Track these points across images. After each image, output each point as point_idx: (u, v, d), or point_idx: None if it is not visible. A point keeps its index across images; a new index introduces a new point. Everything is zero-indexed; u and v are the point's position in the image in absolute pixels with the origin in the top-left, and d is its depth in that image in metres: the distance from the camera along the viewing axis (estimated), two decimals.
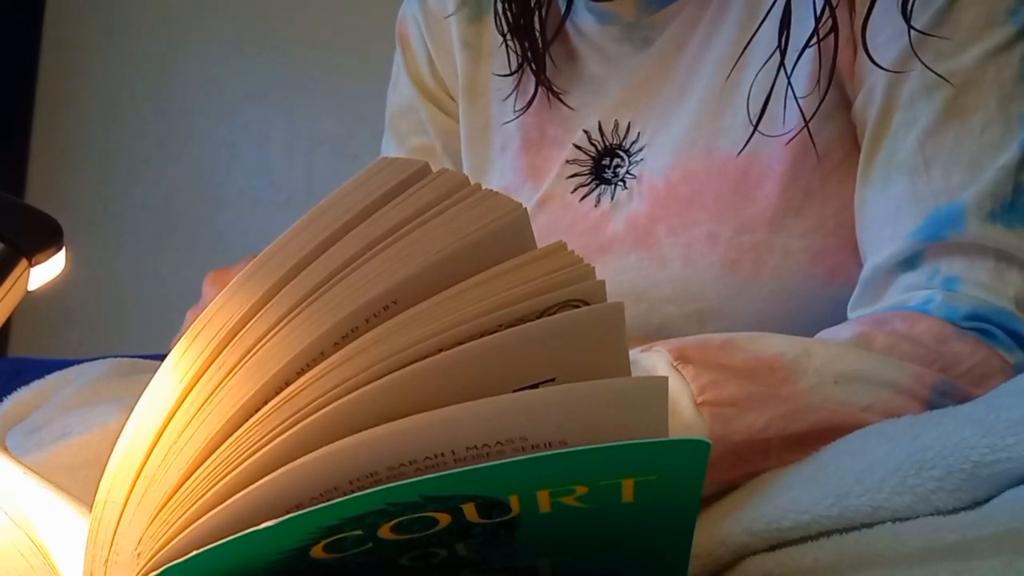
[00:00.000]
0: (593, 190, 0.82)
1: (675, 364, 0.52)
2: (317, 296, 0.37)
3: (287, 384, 0.37)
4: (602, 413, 0.35)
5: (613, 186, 0.81)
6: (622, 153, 0.81)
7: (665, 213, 0.77)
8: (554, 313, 0.38)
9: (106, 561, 0.38)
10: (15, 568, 0.44)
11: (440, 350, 0.36)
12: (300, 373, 0.37)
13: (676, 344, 0.54)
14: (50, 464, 0.67)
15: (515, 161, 0.87)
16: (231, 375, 0.37)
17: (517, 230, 0.40)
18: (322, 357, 0.37)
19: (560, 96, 0.85)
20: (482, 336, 0.37)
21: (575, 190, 0.82)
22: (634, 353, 0.55)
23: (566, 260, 0.39)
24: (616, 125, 0.82)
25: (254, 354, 0.37)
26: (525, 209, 0.40)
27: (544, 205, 0.83)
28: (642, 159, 0.80)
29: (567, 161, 0.83)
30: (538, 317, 0.38)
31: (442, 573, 0.40)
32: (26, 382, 0.91)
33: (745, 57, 0.76)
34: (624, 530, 0.39)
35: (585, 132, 0.83)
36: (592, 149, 0.83)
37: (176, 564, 0.34)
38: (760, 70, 0.75)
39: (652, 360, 0.53)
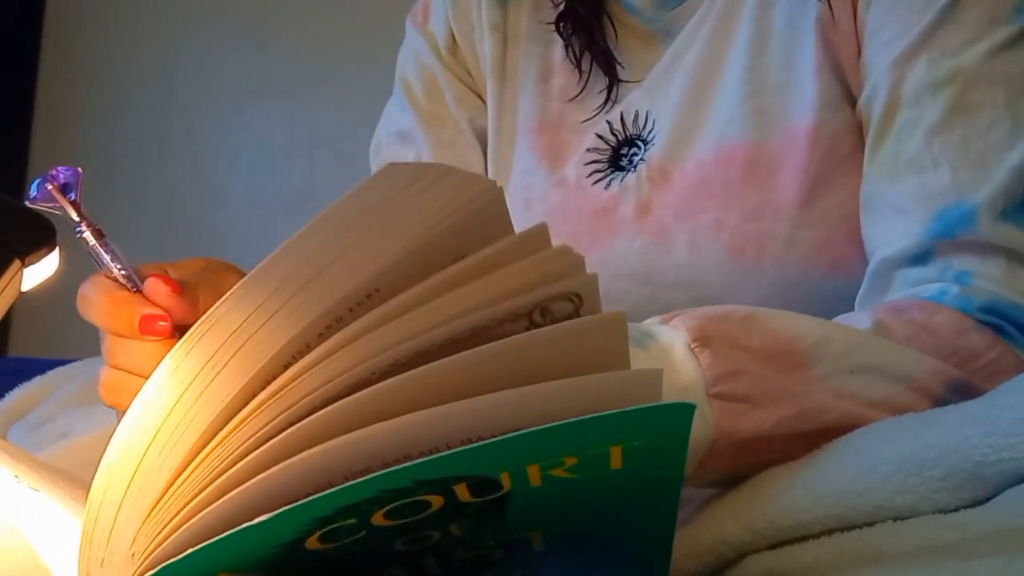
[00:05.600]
0: (606, 175, 0.83)
1: (693, 347, 0.52)
2: (301, 289, 0.37)
3: (275, 378, 0.37)
4: (597, 405, 0.35)
5: (625, 172, 0.82)
6: (639, 143, 0.82)
7: (674, 199, 0.78)
8: (547, 307, 0.38)
9: (102, 562, 0.37)
10: (9, 570, 0.44)
11: (431, 345, 0.36)
12: (287, 366, 0.37)
13: (697, 321, 0.53)
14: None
15: (531, 141, 0.88)
16: (221, 372, 0.37)
17: (494, 211, 0.40)
18: (307, 349, 0.37)
19: (616, 92, 0.86)
20: (473, 331, 0.37)
21: (590, 175, 0.84)
22: (652, 323, 0.55)
23: (550, 248, 0.39)
24: (636, 115, 0.83)
25: (241, 349, 0.37)
26: (500, 189, 0.40)
27: (558, 188, 0.85)
28: (653, 145, 0.81)
29: (588, 150, 0.85)
30: (531, 311, 0.37)
31: (436, 554, 0.40)
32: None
33: (757, 48, 0.77)
34: (613, 497, 0.40)
35: (608, 123, 0.84)
36: (613, 139, 0.84)
37: (171, 563, 0.34)
38: (770, 61, 0.76)
39: (669, 336, 0.52)
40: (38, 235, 0.53)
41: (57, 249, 0.54)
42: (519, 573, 0.44)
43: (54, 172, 0.48)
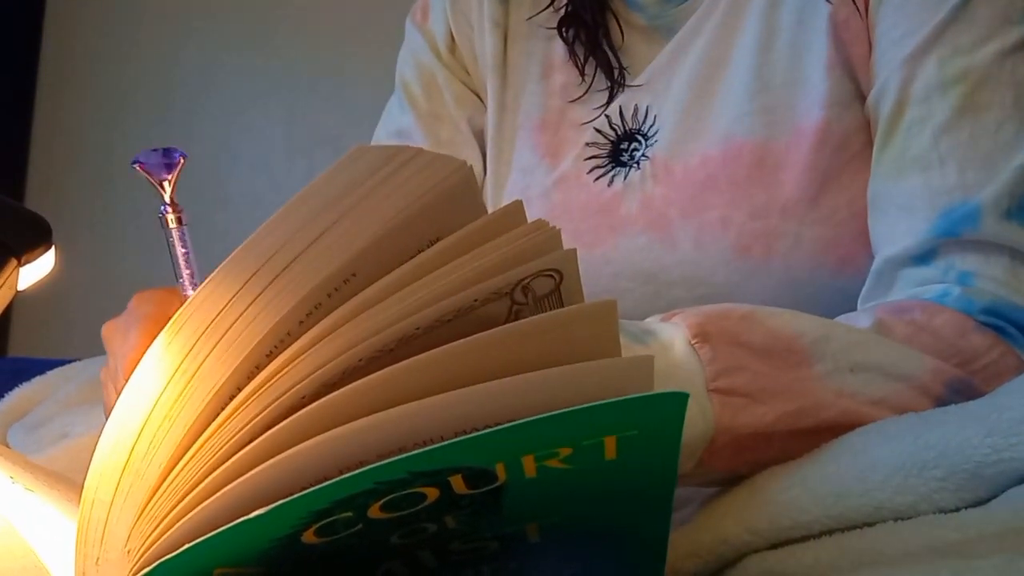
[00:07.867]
0: (608, 172, 0.82)
1: (693, 342, 0.52)
2: (277, 277, 0.37)
3: (258, 368, 0.36)
4: (589, 393, 0.35)
5: (628, 168, 0.81)
6: (640, 137, 0.82)
7: (679, 196, 0.78)
8: (527, 283, 0.38)
9: (97, 560, 0.37)
10: (8, 569, 0.44)
11: (416, 329, 0.36)
12: (269, 355, 0.37)
13: (697, 317, 0.53)
14: (48, 467, 0.67)
15: (533, 139, 0.87)
16: (204, 363, 0.37)
17: (466, 190, 0.40)
18: (289, 337, 0.37)
19: (619, 93, 0.85)
20: (457, 312, 0.37)
21: (591, 171, 0.83)
22: (652, 321, 0.55)
23: (527, 224, 0.39)
24: (636, 110, 0.83)
25: (222, 340, 0.37)
26: (470, 167, 0.40)
27: (559, 185, 0.84)
28: (656, 141, 0.80)
29: (587, 144, 0.84)
30: (512, 289, 0.37)
31: (432, 547, 0.40)
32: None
33: (764, 45, 0.77)
34: (608, 488, 0.40)
35: (607, 117, 0.84)
36: (612, 134, 0.83)
37: (168, 559, 0.34)
38: (778, 59, 0.76)
39: (669, 332, 0.52)
40: (34, 234, 0.52)
41: (53, 248, 0.54)
42: (515, 565, 0.44)
43: (173, 152, 0.51)
